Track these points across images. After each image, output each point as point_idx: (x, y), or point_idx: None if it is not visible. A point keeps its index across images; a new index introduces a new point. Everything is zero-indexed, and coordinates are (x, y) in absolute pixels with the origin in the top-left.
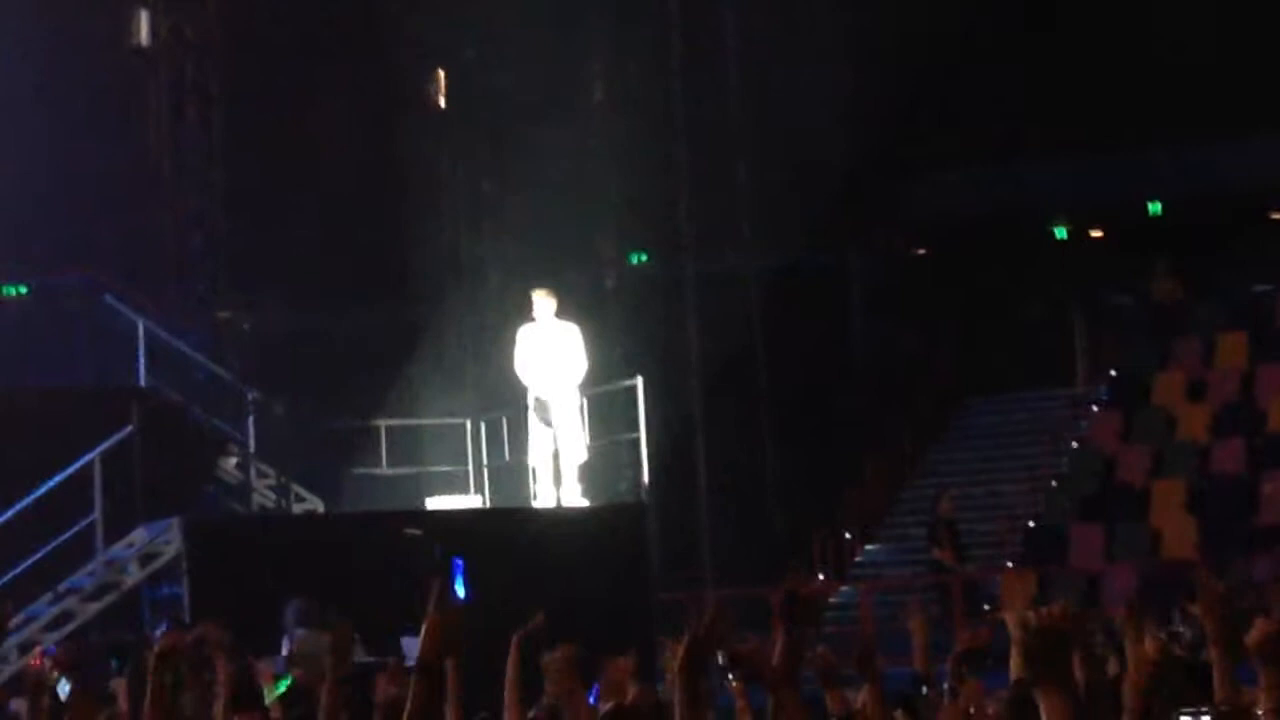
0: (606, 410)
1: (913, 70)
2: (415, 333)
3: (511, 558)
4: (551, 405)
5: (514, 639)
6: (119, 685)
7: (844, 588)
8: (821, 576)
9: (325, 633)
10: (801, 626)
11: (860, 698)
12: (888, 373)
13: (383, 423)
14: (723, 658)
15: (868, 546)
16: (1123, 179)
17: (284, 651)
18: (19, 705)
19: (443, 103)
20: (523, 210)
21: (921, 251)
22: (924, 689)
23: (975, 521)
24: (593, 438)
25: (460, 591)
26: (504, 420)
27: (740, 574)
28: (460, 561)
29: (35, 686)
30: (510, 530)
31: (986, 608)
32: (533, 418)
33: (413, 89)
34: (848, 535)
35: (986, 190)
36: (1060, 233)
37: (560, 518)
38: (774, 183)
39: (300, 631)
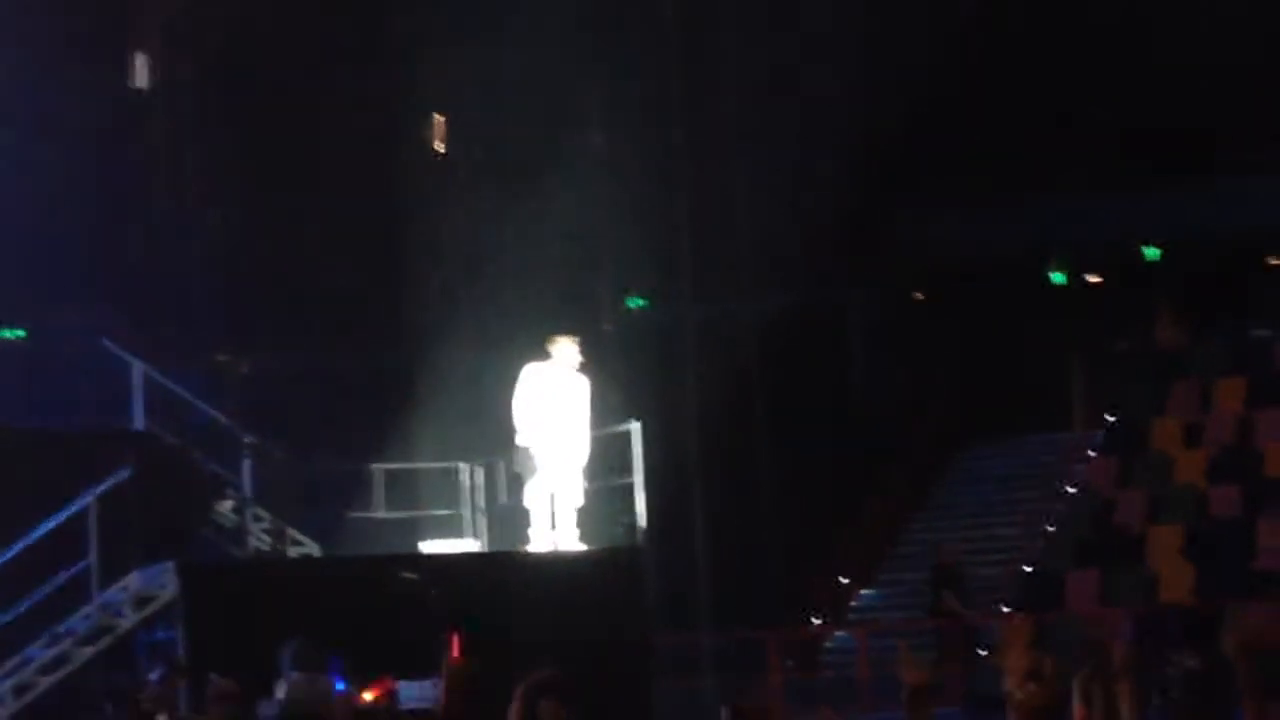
0: (603, 454)
1: (911, 115)
2: (412, 377)
3: (508, 601)
4: (537, 452)
5: (520, 690)
6: None
7: (840, 632)
8: (818, 621)
9: (321, 676)
10: None
11: None
12: (885, 417)
13: (379, 466)
14: None
15: (864, 591)
16: (1120, 224)
17: (279, 694)
18: None
19: (441, 148)
20: (521, 255)
21: (919, 295)
22: None
23: (972, 566)
24: (589, 481)
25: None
26: (501, 465)
27: (736, 618)
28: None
29: None
30: (506, 574)
31: (984, 652)
32: (521, 459)
33: (412, 134)
34: (844, 580)
35: (984, 235)
36: (1058, 277)
37: (556, 561)
38: (772, 227)
39: (296, 675)
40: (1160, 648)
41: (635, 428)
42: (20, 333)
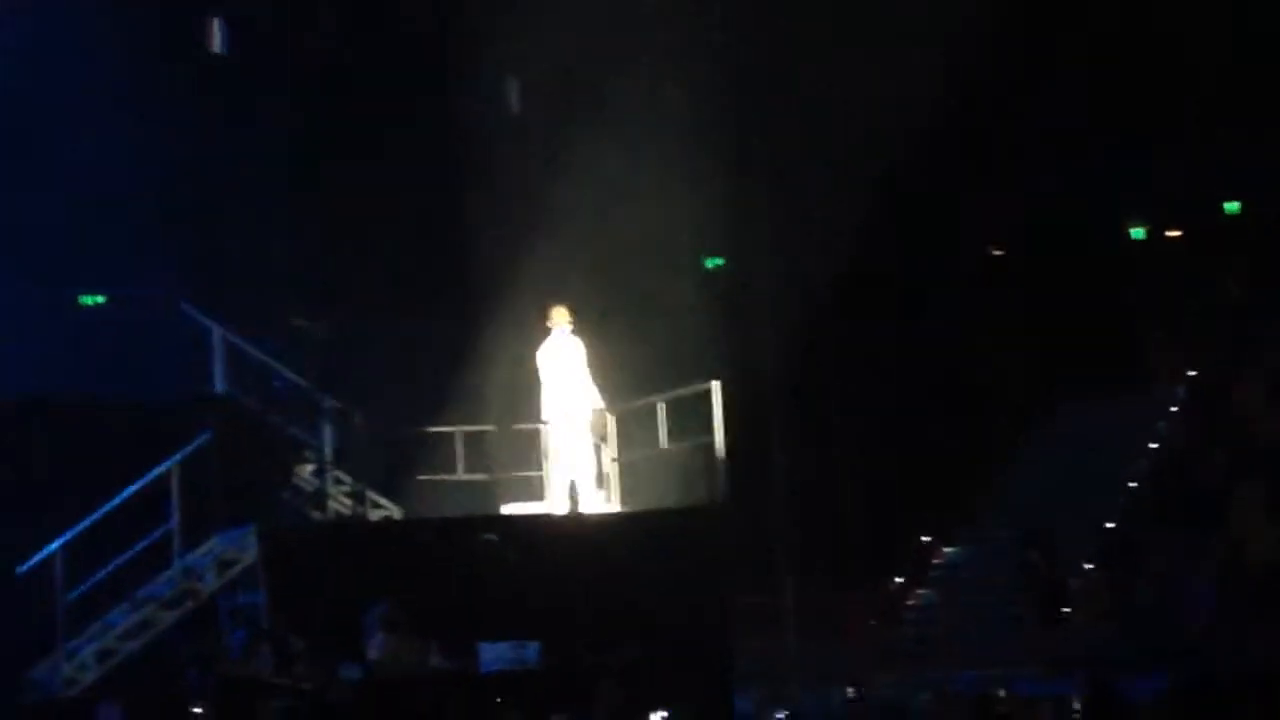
0: (683, 414)
1: (987, 73)
2: (492, 338)
3: (588, 562)
4: (561, 422)
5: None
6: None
7: (923, 590)
8: (901, 579)
9: (408, 637)
10: None
11: None
12: (966, 376)
13: (458, 429)
14: None
15: (947, 549)
16: (1199, 178)
17: (371, 656)
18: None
19: (516, 108)
20: (598, 215)
21: (998, 253)
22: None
23: (1055, 527)
24: (670, 442)
25: None
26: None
27: (817, 578)
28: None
29: None
30: (586, 535)
31: (1067, 610)
32: (553, 430)
33: (484, 94)
34: (927, 538)
35: (1063, 191)
36: (1138, 233)
37: (637, 521)
38: (850, 184)
39: (383, 637)
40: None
41: (715, 387)
42: (99, 298)
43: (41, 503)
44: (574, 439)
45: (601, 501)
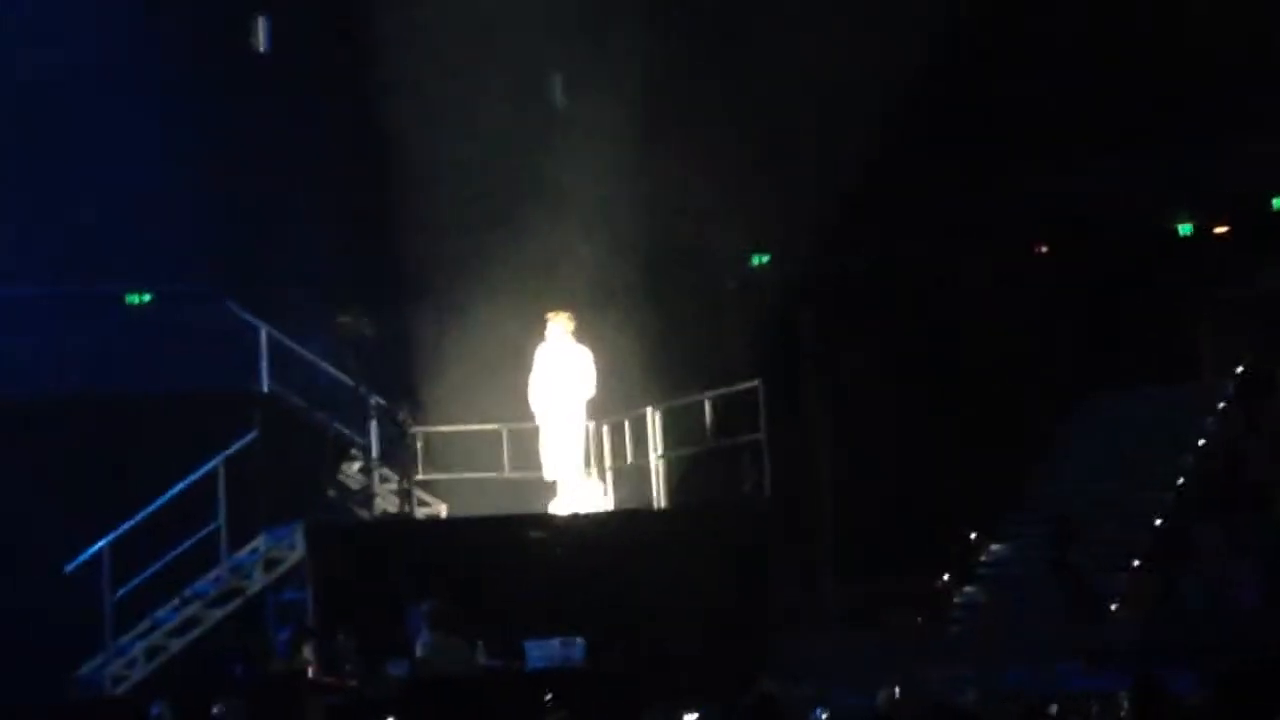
0: (729, 411)
1: (1030, 63)
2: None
3: (636, 558)
4: (545, 430)
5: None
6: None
7: (968, 587)
8: (946, 576)
9: (455, 636)
10: None
11: None
12: (1008, 370)
13: (504, 426)
14: None
15: (993, 545)
16: (1247, 173)
17: (418, 654)
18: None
19: (561, 106)
20: (641, 212)
21: (1044, 249)
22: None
23: (1099, 520)
24: (714, 439)
25: None
26: (625, 423)
27: (861, 575)
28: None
29: None
30: (632, 532)
31: (1113, 607)
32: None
33: (533, 92)
34: (972, 534)
35: (1108, 185)
36: (1184, 228)
37: (682, 518)
38: (891, 180)
39: (430, 634)
40: None
41: (759, 385)
42: (146, 296)
43: (89, 500)
44: (560, 438)
45: (588, 499)
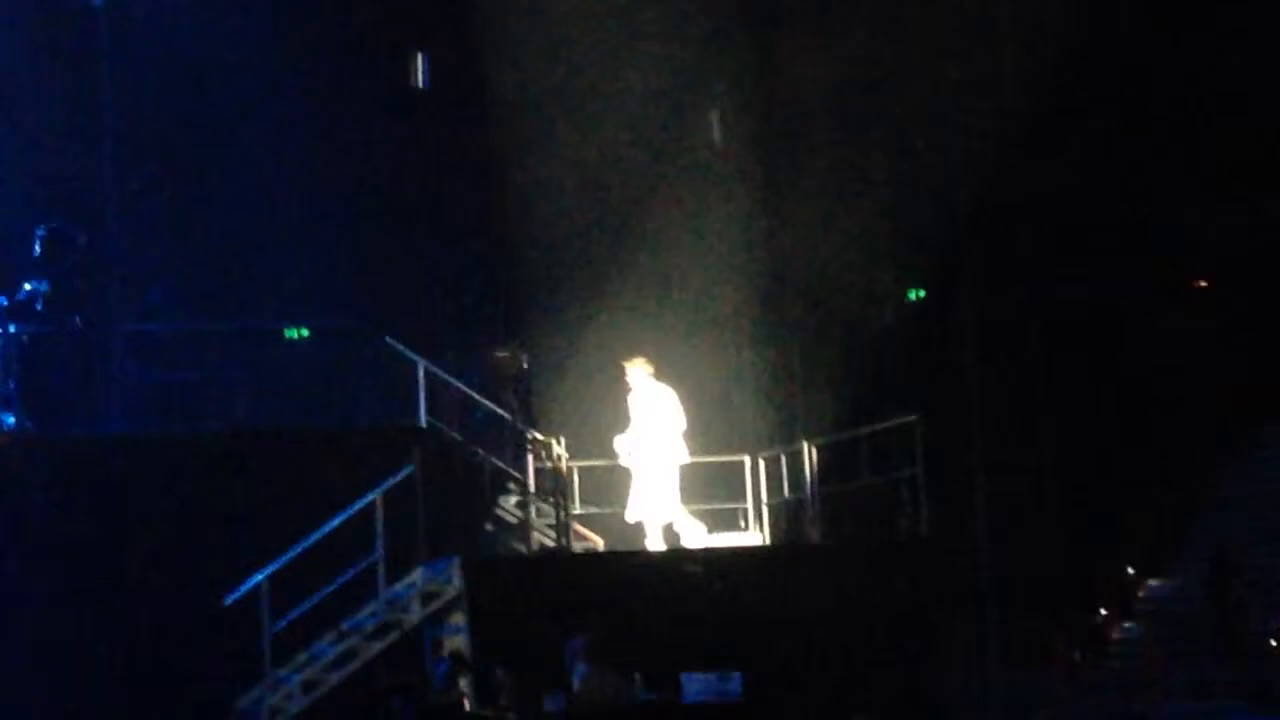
0: (886, 446)
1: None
2: (696, 371)
3: (792, 594)
4: (634, 470)
5: None
6: None
7: (1128, 624)
8: (1104, 612)
9: (611, 670)
10: None
11: None
12: (1171, 404)
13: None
14: None
15: (1152, 581)
16: None
17: (574, 687)
18: None
19: (719, 140)
20: (799, 247)
21: (1203, 283)
22: None
23: (1263, 557)
24: (870, 474)
25: None
26: (782, 457)
27: (1020, 610)
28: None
29: None
30: (788, 567)
31: (1275, 644)
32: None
33: (687, 126)
34: (1132, 570)
35: (1269, 220)
36: None
37: (840, 553)
38: (1051, 217)
39: (586, 669)
40: None
41: (916, 420)
42: (304, 332)
43: (248, 534)
44: (652, 480)
45: (690, 536)
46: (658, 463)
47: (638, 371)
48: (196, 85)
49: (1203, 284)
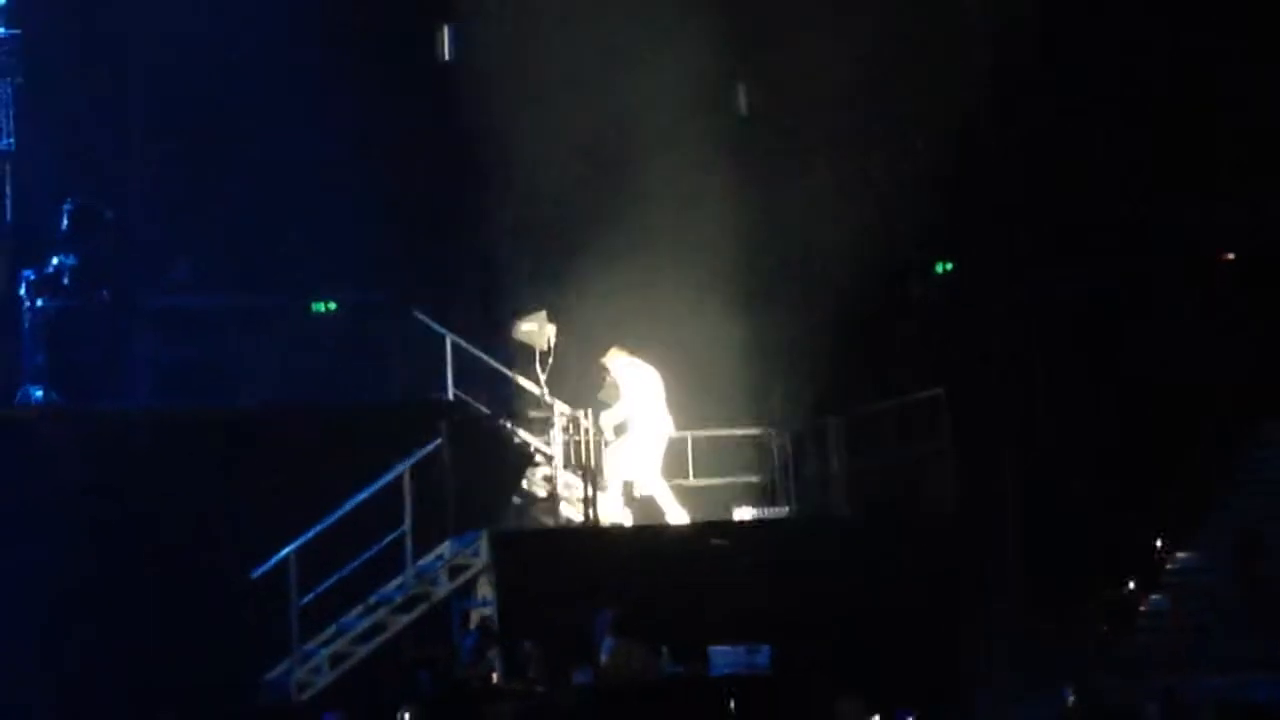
0: (910, 421)
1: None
2: (727, 343)
3: (819, 567)
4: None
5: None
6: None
7: (1155, 596)
8: (1132, 585)
9: (638, 642)
10: None
11: None
12: (1195, 380)
13: (689, 434)
14: None
15: (1181, 554)
16: None
17: (602, 660)
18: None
19: (744, 110)
20: (826, 219)
21: (1230, 256)
22: None
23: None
24: (896, 448)
25: None
26: (811, 430)
27: (1046, 583)
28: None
29: None
30: (816, 540)
31: None
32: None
33: (714, 98)
34: (1160, 543)
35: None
36: None
37: (866, 527)
38: (1077, 195)
39: (614, 641)
40: None
41: (941, 393)
42: (333, 305)
43: (275, 507)
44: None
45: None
46: (645, 437)
47: (616, 361)
48: (222, 60)
49: (1230, 256)
